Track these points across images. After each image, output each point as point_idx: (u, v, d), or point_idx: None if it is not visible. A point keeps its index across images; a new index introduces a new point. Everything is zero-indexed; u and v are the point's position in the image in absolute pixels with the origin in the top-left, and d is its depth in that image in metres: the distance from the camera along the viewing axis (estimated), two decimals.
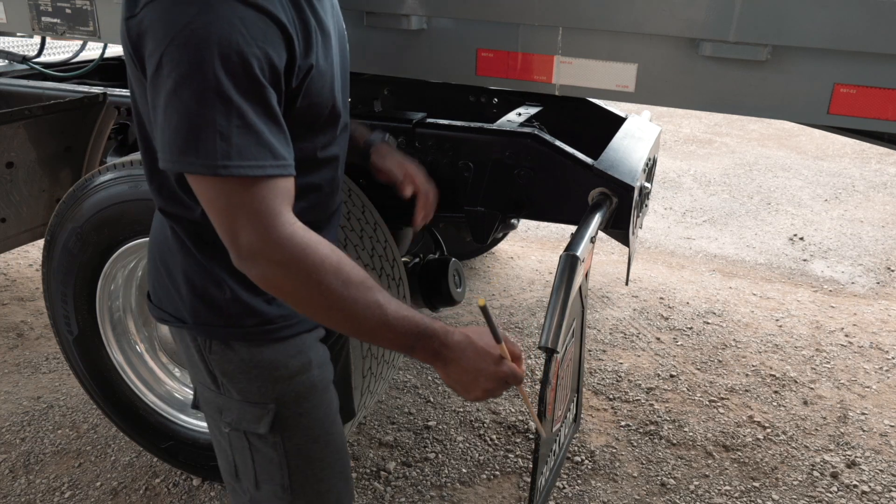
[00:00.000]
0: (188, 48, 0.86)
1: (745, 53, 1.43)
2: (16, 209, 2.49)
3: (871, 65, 1.38)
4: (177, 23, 0.87)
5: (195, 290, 1.16)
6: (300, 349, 1.22)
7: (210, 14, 0.87)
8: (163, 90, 0.89)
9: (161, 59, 0.88)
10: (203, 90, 0.87)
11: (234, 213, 0.92)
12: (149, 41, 0.90)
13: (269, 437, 1.21)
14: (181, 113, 0.88)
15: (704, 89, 1.53)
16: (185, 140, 0.89)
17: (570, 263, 1.46)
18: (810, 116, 1.48)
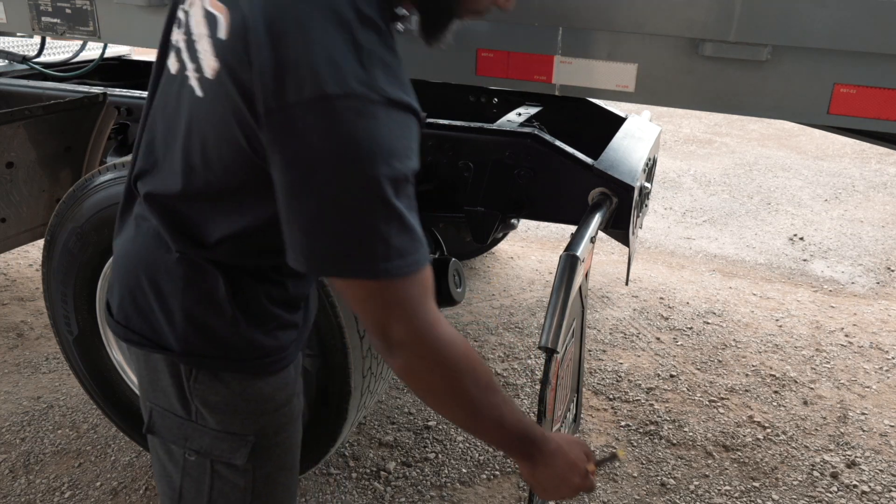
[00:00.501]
0: (353, 159, 0.85)
1: (746, 53, 1.43)
2: (16, 209, 2.49)
3: (871, 65, 1.38)
4: (339, 132, 0.85)
5: (193, 321, 1.10)
6: (286, 381, 1.22)
7: (372, 121, 0.86)
8: (318, 196, 0.87)
9: (317, 163, 0.86)
10: (367, 199, 0.86)
11: (388, 310, 0.93)
12: (298, 141, 0.86)
13: (243, 466, 1.19)
14: (342, 221, 0.87)
15: (704, 89, 1.53)
16: (346, 248, 0.89)
17: (570, 263, 1.46)
18: (810, 116, 1.48)
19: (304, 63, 0.85)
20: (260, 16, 0.88)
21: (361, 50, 0.87)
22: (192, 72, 0.98)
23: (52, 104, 2.42)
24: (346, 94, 0.84)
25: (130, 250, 1.14)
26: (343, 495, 2.18)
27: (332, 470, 2.27)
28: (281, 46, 0.86)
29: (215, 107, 0.94)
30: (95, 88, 2.55)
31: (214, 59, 0.92)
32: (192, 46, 0.98)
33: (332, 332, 1.70)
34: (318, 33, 0.86)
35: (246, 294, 1.12)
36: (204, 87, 0.95)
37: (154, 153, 1.09)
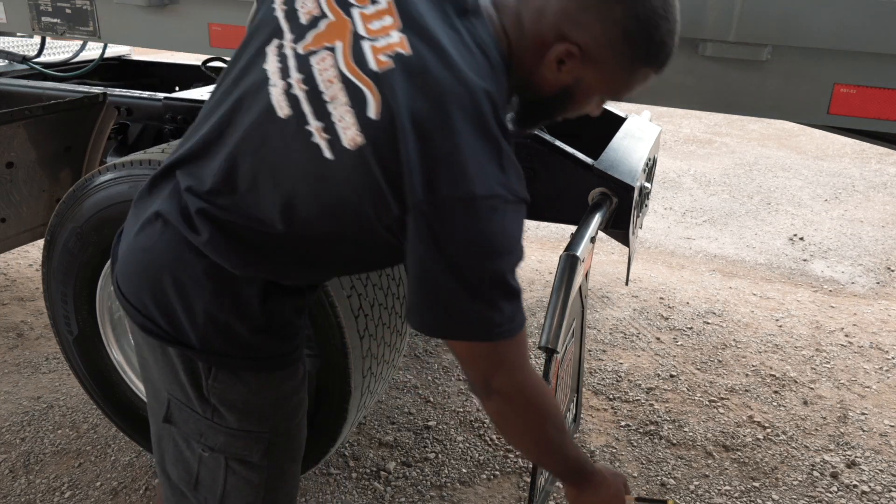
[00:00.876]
0: (488, 248, 0.98)
1: (746, 53, 1.43)
2: (16, 209, 2.49)
3: (871, 65, 1.38)
4: (480, 226, 0.96)
5: (216, 323, 1.13)
6: (297, 376, 1.27)
7: (506, 217, 0.98)
8: (454, 276, 0.98)
9: (459, 251, 0.97)
10: (494, 281, 0.99)
11: (494, 365, 1.06)
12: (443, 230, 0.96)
13: (258, 463, 1.23)
14: (471, 297, 0.99)
15: (704, 89, 1.53)
16: (471, 318, 1.01)
17: (570, 263, 1.46)
18: (810, 116, 1.48)
19: (454, 164, 0.95)
20: (410, 109, 0.95)
21: (502, 155, 0.98)
22: (320, 131, 1.00)
23: (52, 104, 2.42)
24: (489, 195, 0.95)
25: (156, 245, 1.14)
26: (343, 495, 2.18)
27: (332, 470, 2.27)
28: (430, 145, 0.95)
29: (348, 175, 0.99)
30: (95, 88, 2.55)
31: (360, 135, 0.97)
32: (320, 104, 1.00)
33: (332, 333, 1.70)
34: (465, 138, 0.95)
35: (274, 305, 1.17)
36: (337, 152, 0.99)
37: (235, 180, 1.07)
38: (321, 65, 1.01)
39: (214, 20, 1.98)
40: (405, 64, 0.97)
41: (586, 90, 1.11)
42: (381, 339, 1.85)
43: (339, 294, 1.69)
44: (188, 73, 3.31)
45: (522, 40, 1.07)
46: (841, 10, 1.33)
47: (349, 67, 0.99)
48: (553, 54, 1.05)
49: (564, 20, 1.03)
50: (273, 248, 1.10)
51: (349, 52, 1.00)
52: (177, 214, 1.12)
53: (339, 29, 1.02)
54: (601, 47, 1.04)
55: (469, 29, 1.04)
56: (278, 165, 1.04)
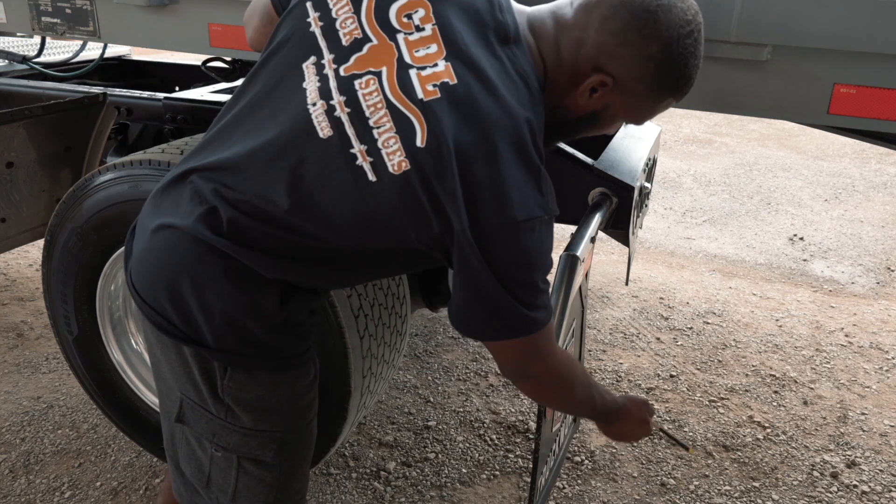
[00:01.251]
0: (528, 263, 1.06)
1: (746, 53, 1.43)
2: (16, 209, 2.49)
3: (871, 65, 1.38)
4: (520, 246, 1.04)
5: (233, 324, 1.14)
6: (309, 372, 1.29)
7: (543, 235, 1.05)
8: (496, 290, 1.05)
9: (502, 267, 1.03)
10: (531, 290, 1.08)
11: (531, 354, 1.15)
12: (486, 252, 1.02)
13: (272, 461, 1.25)
14: (511, 305, 1.06)
15: (704, 89, 1.53)
16: (512, 321, 1.09)
17: (570, 263, 1.46)
18: (810, 116, 1.48)
19: (498, 192, 1.00)
20: (455, 138, 1.00)
21: (541, 179, 1.04)
22: (363, 153, 1.02)
23: (52, 104, 2.42)
24: (529, 218, 1.02)
25: (174, 246, 1.15)
26: (343, 495, 2.18)
27: (332, 470, 2.27)
28: (476, 173, 1.00)
29: (392, 198, 1.03)
30: (95, 88, 2.55)
31: (405, 161, 1.01)
32: (365, 128, 1.02)
33: (332, 332, 1.70)
34: (509, 166, 1.01)
35: (293, 306, 1.19)
36: (380, 175, 1.02)
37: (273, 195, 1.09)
38: (365, 89, 1.02)
39: (214, 20, 1.98)
40: (451, 93, 1.01)
41: (612, 116, 1.16)
42: (381, 339, 1.85)
43: (339, 294, 1.69)
44: (188, 73, 3.31)
45: (558, 67, 1.11)
46: (841, 10, 1.33)
47: (395, 94, 1.01)
48: (588, 84, 1.09)
49: (602, 53, 1.07)
50: (308, 257, 1.14)
51: (395, 79, 1.02)
52: (200, 218, 1.12)
53: (384, 54, 1.04)
54: (634, 80, 1.08)
55: (510, 58, 1.07)
56: (319, 185, 1.06)
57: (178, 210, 1.15)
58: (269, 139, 1.08)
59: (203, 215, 1.12)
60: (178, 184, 1.18)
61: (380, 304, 1.84)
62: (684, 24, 1.07)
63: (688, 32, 1.07)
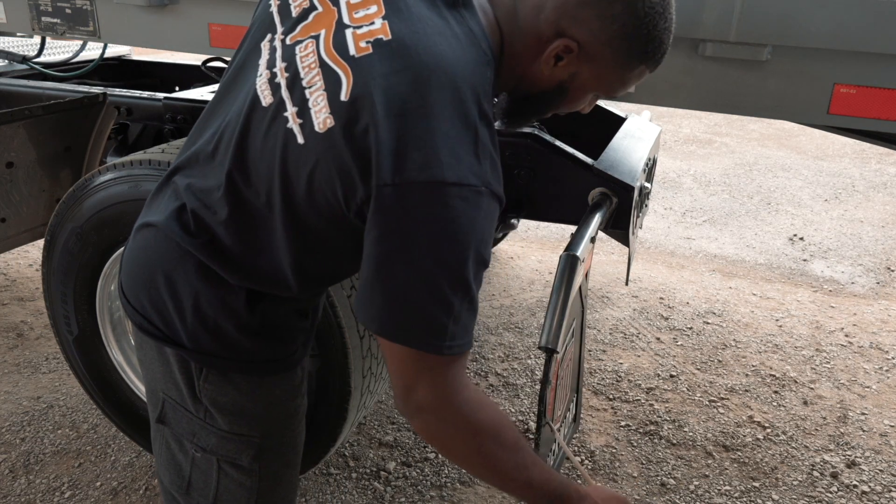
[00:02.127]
0: (451, 241, 0.92)
1: (746, 53, 1.43)
2: (16, 209, 2.49)
3: (871, 65, 1.38)
4: (445, 215, 0.91)
5: (204, 321, 1.12)
6: (294, 381, 1.24)
7: (475, 210, 0.92)
8: (410, 268, 0.92)
9: (420, 239, 0.91)
10: (454, 278, 0.93)
11: (420, 376, 0.97)
12: (404, 215, 0.92)
13: (248, 466, 1.22)
14: (427, 295, 0.93)
15: (704, 89, 1.53)
16: (423, 320, 0.94)
17: (570, 263, 1.46)
18: (810, 116, 1.48)
19: (427, 147, 0.91)
20: (384, 89, 0.92)
21: (479, 144, 0.94)
22: (294, 115, 0.99)
23: (52, 104, 2.42)
24: (460, 183, 0.91)
25: (151, 244, 1.15)
26: (343, 495, 2.18)
27: (332, 470, 2.27)
28: (404, 126, 0.91)
29: (318, 159, 0.96)
30: (95, 88, 2.55)
31: (330, 117, 0.95)
32: (299, 90, 0.99)
33: (332, 332, 1.70)
34: (441, 122, 0.92)
35: (264, 305, 1.15)
36: (308, 136, 0.97)
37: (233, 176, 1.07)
38: (303, 52, 1.01)
39: (214, 20, 1.98)
40: (383, 48, 0.96)
41: (581, 87, 1.10)
42: None
43: (339, 294, 1.69)
44: (188, 73, 3.31)
45: (517, 34, 1.06)
46: (841, 10, 1.33)
47: (329, 53, 0.98)
48: (551, 50, 1.04)
49: (563, 16, 1.02)
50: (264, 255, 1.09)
51: (330, 39, 0.99)
52: (173, 215, 1.12)
53: (326, 18, 1.02)
54: (599, 44, 1.03)
55: (458, 19, 1.02)
56: (261, 154, 1.03)
57: (158, 209, 1.16)
58: (227, 119, 1.09)
59: (175, 212, 1.12)
60: (165, 183, 1.19)
61: None
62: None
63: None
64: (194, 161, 1.14)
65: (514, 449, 1.03)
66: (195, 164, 1.13)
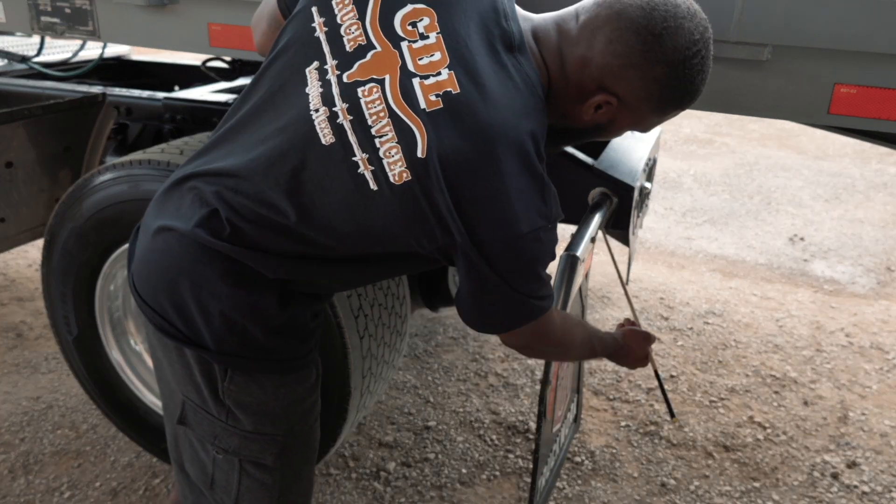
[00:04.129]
0: (532, 268, 1.07)
1: (746, 53, 1.43)
2: (15, 209, 2.49)
3: (872, 65, 1.38)
4: (526, 255, 1.05)
5: (232, 325, 1.14)
6: (311, 377, 1.29)
7: (549, 244, 1.07)
8: (503, 289, 1.07)
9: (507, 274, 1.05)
10: (535, 283, 1.10)
11: (538, 333, 1.17)
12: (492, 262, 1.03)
13: (272, 465, 1.25)
14: (522, 297, 1.09)
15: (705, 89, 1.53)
16: (522, 312, 1.12)
17: (570, 263, 1.46)
18: (811, 116, 1.48)
19: (501, 204, 0.99)
20: (458, 148, 0.99)
21: (544, 188, 1.04)
22: (364, 162, 1.02)
23: (51, 104, 2.42)
24: (533, 230, 1.02)
25: (174, 248, 1.15)
26: (343, 495, 2.18)
27: (332, 470, 2.27)
28: (476, 184, 0.99)
29: (394, 208, 1.03)
30: (95, 88, 2.55)
31: (406, 171, 1.00)
32: (367, 137, 1.02)
33: (332, 333, 1.69)
34: (511, 178, 1.00)
35: (294, 309, 1.19)
36: (381, 185, 1.02)
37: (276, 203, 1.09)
38: (368, 97, 1.01)
39: (214, 20, 1.98)
40: (453, 103, 0.99)
41: (618, 128, 1.17)
42: (380, 340, 1.85)
43: (339, 294, 1.69)
44: (188, 72, 3.31)
45: (563, 80, 1.11)
46: (841, 10, 1.33)
47: (398, 103, 1.00)
48: (593, 102, 1.10)
49: (607, 75, 1.06)
50: (310, 259, 1.13)
51: (398, 88, 1.01)
52: (202, 221, 1.12)
53: (387, 62, 1.03)
54: (639, 99, 1.08)
55: (515, 66, 1.06)
56: (320, 191, 1.05)
57: (178, 213, 1.15)
58: (273, 145, 1.08)
59: (204, 218, 1.12)
60: (180, 186, 1.18)
61: (380, 304, 1.84)
62: (690, 46, 1.05)
63: (694, 53, 1.06)
64: (220, 174, 1.12)
65: (586, 340, 1.32)
66: (221, 178, 1.12)
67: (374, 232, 1.06)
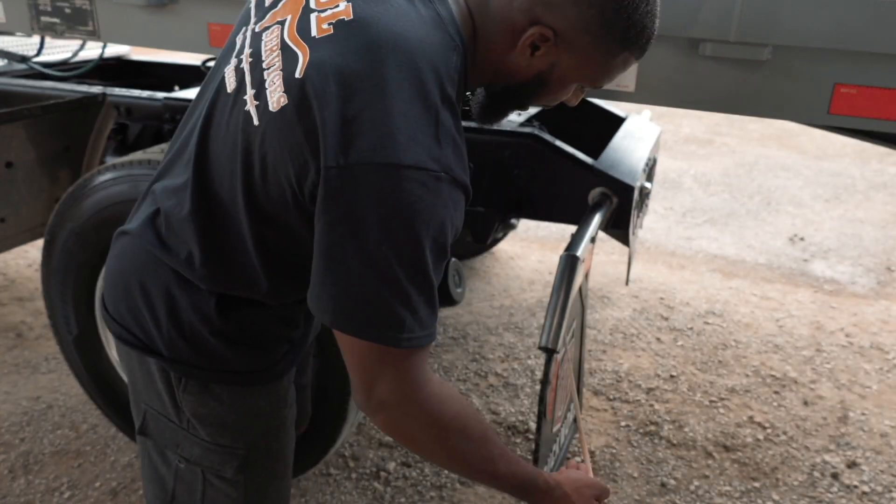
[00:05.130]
0: (408, 227, 0.86)
1: (746, 53, 1.43)
2: (15, 209, 2.49)
3: (872, 65, 1.38)
4: (400, 199, 0.86)
5: (180, 329, 1.09)
6: (279, 392, 1.21)
7: (435, 196, 0.87)
8: (362, 255, 0.87)
9: (373, 225, 0.86)
10: (410, 267, 0.88)
11: (380, 370, 0.94)
12: (355, 200, 0.87)
13: (233, 478, 1.18)
14: (381, 284, 0.88)
15: (704, 89, 1.53)
16: (378, 312, 0.89)
17: (570, 263, 1.46)
18: (811, 116, 1.48)
19: (381, 127, 0.85)
20: (339, 64, 0.89)
21: (440, 127, 0.89)
22: (252, 98, 0.96)
23: (51, 104, 2.42)
24: (417, 166, 0.86)
25: (127, 251, 1.14)
26: (343, 495, 2.17)
27: (331, 470, 2.27)
28: (355, 102, 0.86)
29: (271, 139, 0.93)
30: (95, 88, 2.55)
31: (284, 95, 0.91)
32: (258, 72, 0.97)
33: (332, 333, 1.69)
34: (399, 101, 0.87)
35: (240, 312, 1.11)
36: (262, 116, 0.94)
37: (199, 167, 1.05)
38: (268, 38, 1.00)
39: (214, 20, 1.98)
40: (344, 28, 0.93)
41: (562, 77, 1.04)
42: None
43: None
44: (188, 72, 3.31)
45: (489, 23, 1.01)
46: (841, 10, 1.33)
47: (291, 36, 0.96)
48: (526, 39, 0.98)
49: (537, 3, 0.97)
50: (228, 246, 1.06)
51: (295, 24, 0.98)
52: (147, 221, 1.11)
53: (294, 4, 1.01)
54: (577, 31, 0.97)
55: (425, 4, 0.99)
56: (223, 141, 1.02)
57: (134, 216, 1.15)
58: (197, 116, 1.08)
59: (149, 218, 1.10)
60: (147, 191, 1.17)
61: None
62: None
63: None
64: (171, 165, 1.13)
65: (480, 441, 1.01)
66: (171, 168, 1.12)
67: (259, 175, 0.97)
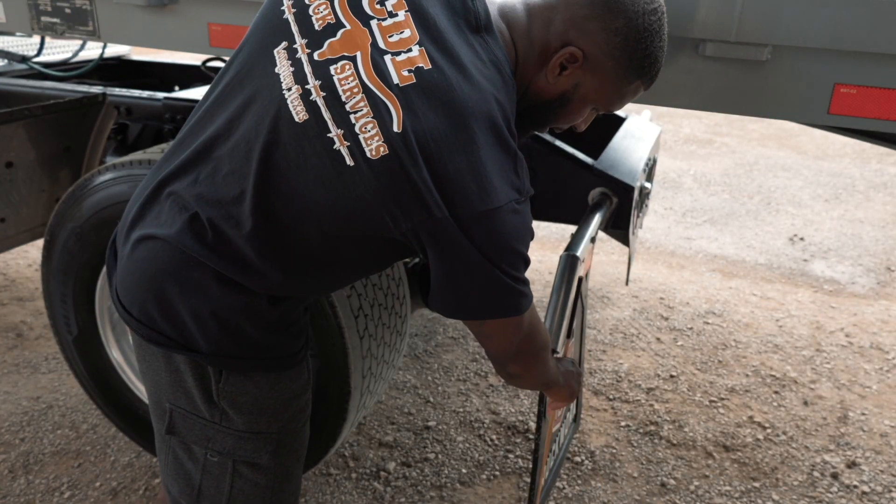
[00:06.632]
0: (511, 248, 1.06)
1: (746, 53, 1.43)
2: (15, 209, 2.49)
3: (872, 65, 1.38)
4: (499, 231, 1.03)
5: (226, 325, 1.14)
6: (304, 374, 1.29)
7: (521, 216, 1.06)
8: (478, 275, 1.05)
9: (478, 255, 1.03)
10: (518, 262, 1.08)
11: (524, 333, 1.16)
12: (464, 241, 1.02)
13: (267, 464, 1.26)
14: (505, 277, 1.07)
15: (704, 89, 1.53)
16: (507, 296, 1.10)
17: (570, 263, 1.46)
18: (810, 116, 1.48)
19: (477, 178, 1.00)
20: (434, 126, 0.99)
21: (517, 161, 1.05)
22: (341, 137, 1.01)
23: (51, 104, 2.42)
24: (507, 202, 1.02)
25: (158, 255, 1.14)
26: (343, 495, 2.18)
27: (332, 470, 2.27)
28: (452, 158, 0.99)
29: (371, 183, 1.01)
30: (95, 88, 2.55)
31: (383, 145, 0.99)
32: (342, 113, 1.01)
33: (332, 333, 1.69)
34: (486, 152, 1.01)
35: (287, 306, 1.20)
36: (358, 160, 1.00)
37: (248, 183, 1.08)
38: (341, 74, 1.01)
39: (214, 20, 1.98)
40: (426, 78, 1.00)
41: (582, 98, 1.16)
42: (380, 340, 1.85)
43: (339, 294, 1.69)
44: (188, 72, 3.31)
45: (530, 50, 1.12)
46: (841, 10, 1.33)
47: (371, 79, 1.00)
48: (558, 58, 1.10)
49: (572, 27, 1.09)
50: (284, 261, 1.12)
51: (370, 64, 1.01)
52: (184, 226, 1.11)
53: (358, 39, 1.03)
54: (603, 55, 1.10)
55: (482, 45, 1.08)
56: (295, 169, 1.04)
57: (159, 221, 1.14)
58: (246, 127, 1.08)
59: (186, 223, 1.11)
60: (157, 196, 1.17)
61: (380, 304, 1.84)
62: (649, 2, 1.10)
63: (652, 10, 1.10)
64: (192, 169, 1.12)
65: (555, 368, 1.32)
66: (194, 172, 1.12)
67: (348, 210, 1.05)
